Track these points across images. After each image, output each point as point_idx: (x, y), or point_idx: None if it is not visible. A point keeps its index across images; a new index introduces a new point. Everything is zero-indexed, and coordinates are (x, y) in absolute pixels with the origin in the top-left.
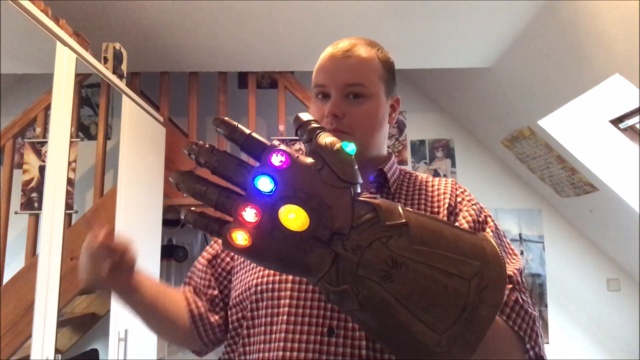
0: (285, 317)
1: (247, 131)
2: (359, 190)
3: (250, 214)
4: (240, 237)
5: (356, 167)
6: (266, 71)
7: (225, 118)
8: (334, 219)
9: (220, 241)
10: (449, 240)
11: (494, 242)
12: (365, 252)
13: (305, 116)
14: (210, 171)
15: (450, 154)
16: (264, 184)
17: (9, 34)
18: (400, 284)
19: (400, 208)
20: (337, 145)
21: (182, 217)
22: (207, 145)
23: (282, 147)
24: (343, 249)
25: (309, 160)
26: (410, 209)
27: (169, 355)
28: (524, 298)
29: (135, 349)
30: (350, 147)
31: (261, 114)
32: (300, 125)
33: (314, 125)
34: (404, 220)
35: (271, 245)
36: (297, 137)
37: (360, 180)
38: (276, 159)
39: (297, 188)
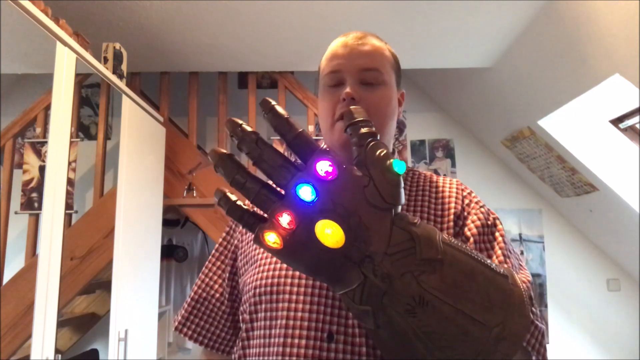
0: (283, 321)
1: (299, 128)
2: (399, 209)
3: (286, 220)
4: (273, 239)
5: (402, 187)
6: (266, 71)
7: (276, 106)
8: (369, 242)
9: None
10: (479, 285)
11: (522, 289)
12: (395, 282)
13: (358, 113)
14: (251, 162)
15: (450, 154)
16: (306, 193)
17: (9, 34)
18: (423, 321)
19: (439, 240)
20: (388, 163)
21: (215, 198)
22: (252, 134)
23: (331, 154)
24: (373, 274)
25: (356, 173)
26: (446, 239)
27: (169, 355)
28: (534, 310)
29: (135, 349)
30: (400, 166)
31: (261, 114)
32: (352, 124)
33: (365, 130)
34: (439, 257)
35: (302, 254)
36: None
37: (403, 201)
38: (322, 167)
39: (338, 203)
